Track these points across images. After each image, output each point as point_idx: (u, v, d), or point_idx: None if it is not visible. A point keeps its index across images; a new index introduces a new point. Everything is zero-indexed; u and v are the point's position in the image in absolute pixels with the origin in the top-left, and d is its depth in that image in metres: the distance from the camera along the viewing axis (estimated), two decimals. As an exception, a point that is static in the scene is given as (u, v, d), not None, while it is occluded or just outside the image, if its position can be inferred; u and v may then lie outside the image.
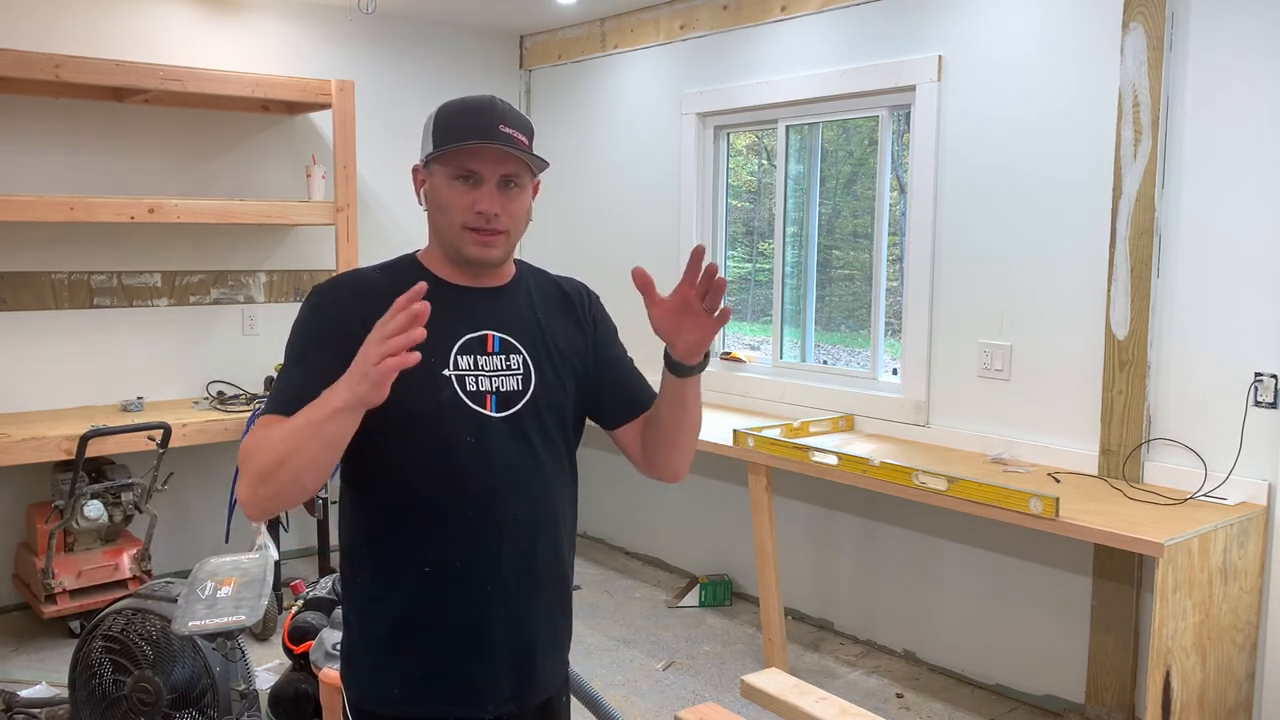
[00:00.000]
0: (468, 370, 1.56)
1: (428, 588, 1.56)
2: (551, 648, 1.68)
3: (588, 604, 4.48)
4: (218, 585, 2.87)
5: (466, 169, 1.53)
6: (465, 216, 1.54)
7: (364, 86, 4.79)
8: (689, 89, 4.60)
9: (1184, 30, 3.01)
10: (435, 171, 1.56)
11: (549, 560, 1.65)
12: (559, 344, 1.68)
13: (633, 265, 1.63)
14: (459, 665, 1.58)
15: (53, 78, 3.83)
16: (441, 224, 1.58)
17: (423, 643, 1.57)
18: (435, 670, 1.57)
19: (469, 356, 1.57)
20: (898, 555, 3.95)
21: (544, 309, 1.69)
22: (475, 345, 1.58)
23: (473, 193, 1.54)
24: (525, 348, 1.63)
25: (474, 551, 1.56)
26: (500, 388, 1.58)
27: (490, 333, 1.60)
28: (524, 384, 1.61)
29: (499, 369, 1.59)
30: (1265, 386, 2.91)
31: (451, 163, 1.54)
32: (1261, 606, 2.96)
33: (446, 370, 1.55)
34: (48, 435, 3.83)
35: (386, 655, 1.58)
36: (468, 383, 1.56)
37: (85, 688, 2.93)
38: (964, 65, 3.57)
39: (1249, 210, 2.91)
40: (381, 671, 1.59)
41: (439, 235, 1.60)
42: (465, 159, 1.53)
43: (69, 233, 4.28)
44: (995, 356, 3.54)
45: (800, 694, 2.31)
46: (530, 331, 1.65)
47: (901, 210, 3.92)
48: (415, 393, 1.50)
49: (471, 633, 1.57)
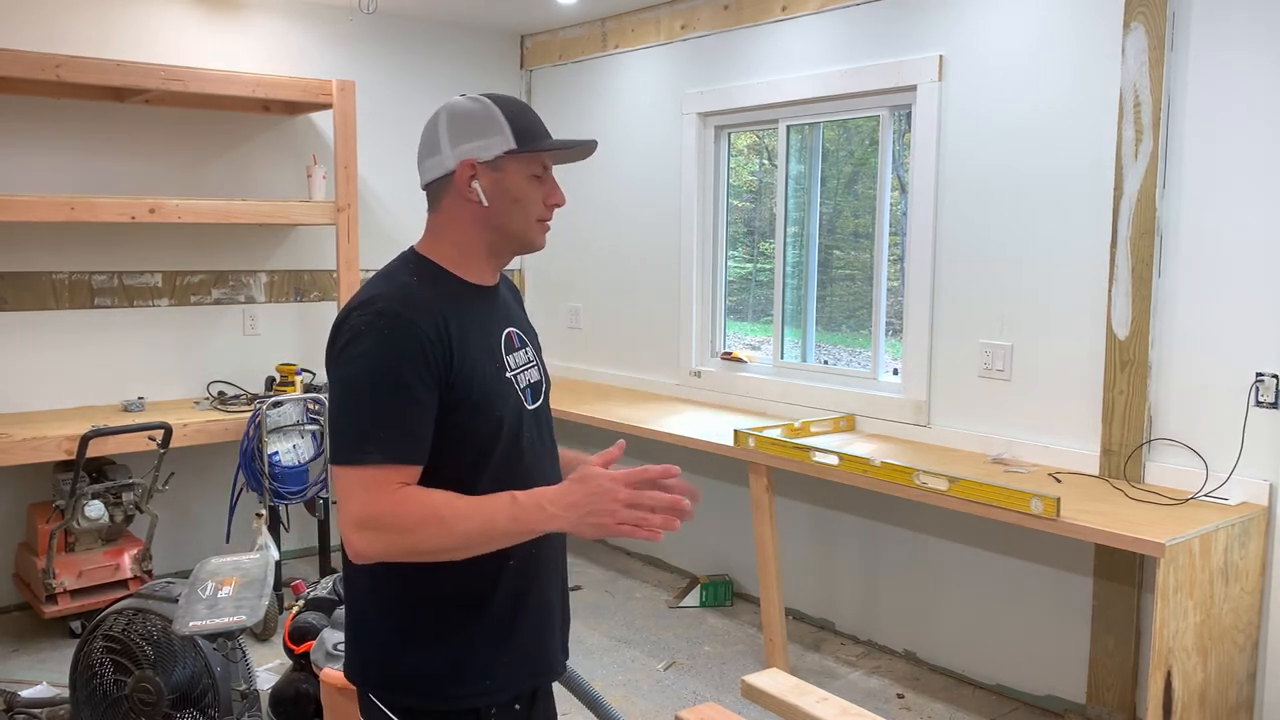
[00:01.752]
0: (515, 369, 1.64)
1: (517, 582, 1.61)
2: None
3: (589, 604, 4.48)
4: (219, 585, 2.87)
5: (544, 165, 1.63)
6: (540, 210, 1.63)
7: (365, 86, 4.79)
8: (690, 89, 4.60)
9: (1185, 30, 3.01)
10: (508, 168, 1.59)
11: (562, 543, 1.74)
12: (533, 334, 1.79)
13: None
14: (542, 641, 1.67)
15: (54, 78, 3.83)
16: (517, 218, 1.61)
17: (515, 633, 1.61)
18: (529, 654, 1.64)
19: (510, 356, 1.64)
20: (899, 555, 3.95)
21: (516, 303, 1.80)
22: (509, 343, 1.66)
23: (544, 187, 1.63)
24: (530, 340, 1.72)
25: (536, 543, 1.58)
26: (531, 380, 1.67)
27: (511, 329, 1.68)
28: (541, 374, 1.71)
29: (526, 363, 1.67)
30: (1266, 386, 2.91)
31: (535, 161, 1.61)
32: (1262, 607, 2.95)
33: (508, 372, 1.62)
34: (48, 435, 3.83)
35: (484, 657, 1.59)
36: (519, 380, 1.64)
37: (86, 688, 2.93)
38: (965, 65, 3.57)
39: (1250, 210, 2.91)
40: (469, 664, 1.58)
41: (507, 230, 1.61)
42: (545, 157, 1.62)
43: (70, 233, 4.28)
44: (996, 357, 3.54)
45: (801, 694, 2.31)
46: (524, 324, 1.75)
47: (902, 210, 3.92)
48: (496, 401, 1.57)
49: (547, 610, 1.67)
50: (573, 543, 5.97)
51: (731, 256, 4.70)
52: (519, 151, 1.57)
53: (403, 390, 1.46)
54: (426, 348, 1.47)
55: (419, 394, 1.47)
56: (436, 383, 1.48)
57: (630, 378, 4.99)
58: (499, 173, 1.58)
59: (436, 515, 1.42)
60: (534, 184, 1.61)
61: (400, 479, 1.46)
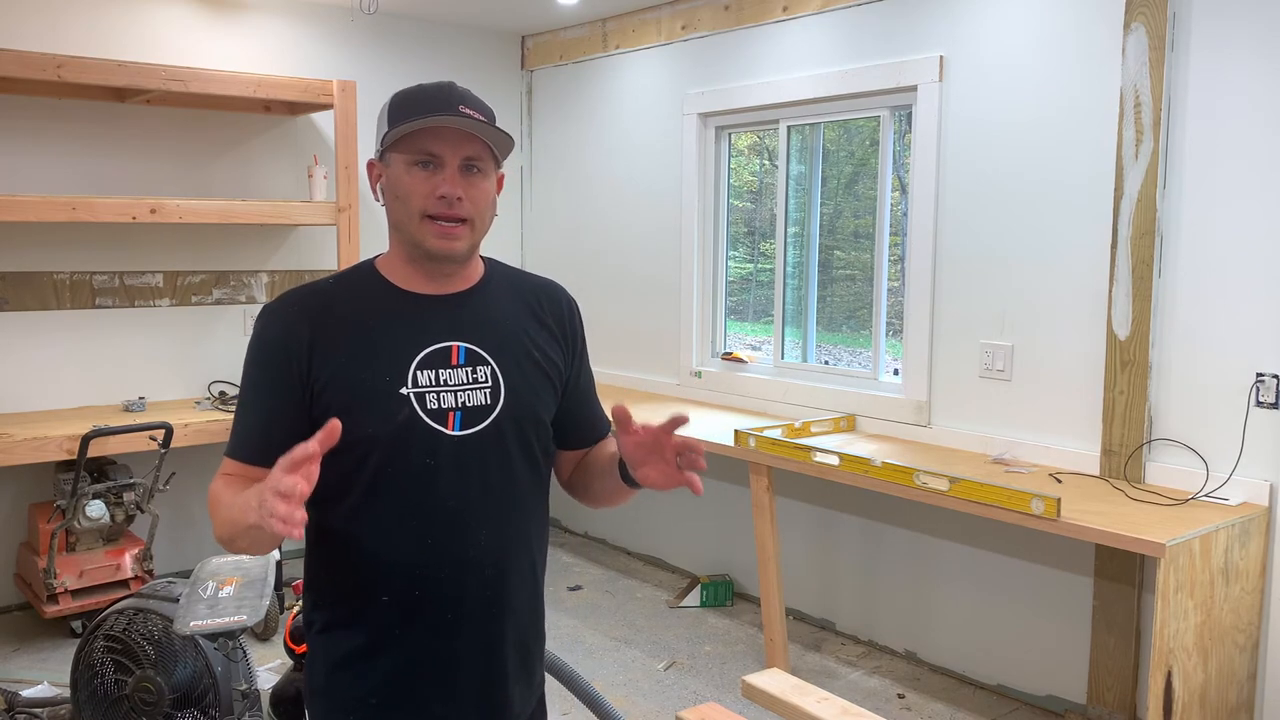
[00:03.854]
0: (428, 387, 1.46)
1: (388, 617, 1.48)
2: (522, 675, 1.58)
3: (589, 604, 4.48)
4: (219, 585, 2.87)
5: (426, 152, 1.43)
6: (425, 203, 1.44)
7: (366, 87, 4.78)
8: (690, 89, 4.60)
9: (1186, 30, 3.01)
10: (392, 161, 1.46)
11: (517, 583, 1.54)
12: (534, 352, 1.56)
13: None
14: (420, 699, 1.50)
15: (54, 78, 3.84)
16: (401, 216, 1.47)
17: (382, 674, 1.49)
18: (394, 702, 1.49)
19: (429, 371, 1.46)
20: (899, 555, 3.95)
21: (518, 313, 1.57)
22: (438, 358, 1.47)
23: (433, 178, 1.44)
24: (494, 357, 1.51)
25: (434, 580, 1.47)
26: (466, 403, 1.47)
27: (455, 344, 1.49)
28: (493, 398, 1.49)
29: (464, 383, 1.48)
30: (1267, 387, 2.91)
31: (409, 147, 1.43)
32: (1263, 607, 2.95)
33: (404, 389, 1.44)
34: (50, 435, 3.83)
35: (347, 684, 1.51)
36: (428, 400, 1.45)
37: (87, 687, 2.93)
38: (965, 65, 3.57)
39: (1250, 210, 2.91)
40: (340, 700, 1.52)
41: (398, 230, 1.49)
42: (424, 141, 1.43)
43: (71, 233, 4.29)
44: (997, 357, 3.54)
45: (801, 694, 2.31)
46: (500, 338, 1.53)
47: (903, 210, 3.92)
48: (373, 415, 1.43)
49: (432, 665, 1.49)
50: (573, 543, 5.94)
51: (732, 257, 4.70)
52: (388, 135, 1.45)
53: (246, 393, 1.50)
54: (286, 352, 1.45)
55: (256, 397, 1.48)
56: (293, 387, 1.44)
57: (630, 378, 4.99)
58: (388, 168, 1.48)
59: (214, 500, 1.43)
60: (417, 175, 1.43)
61: (239, 474, 1.46)
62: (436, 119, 1.42)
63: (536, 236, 5.57)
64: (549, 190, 5.46)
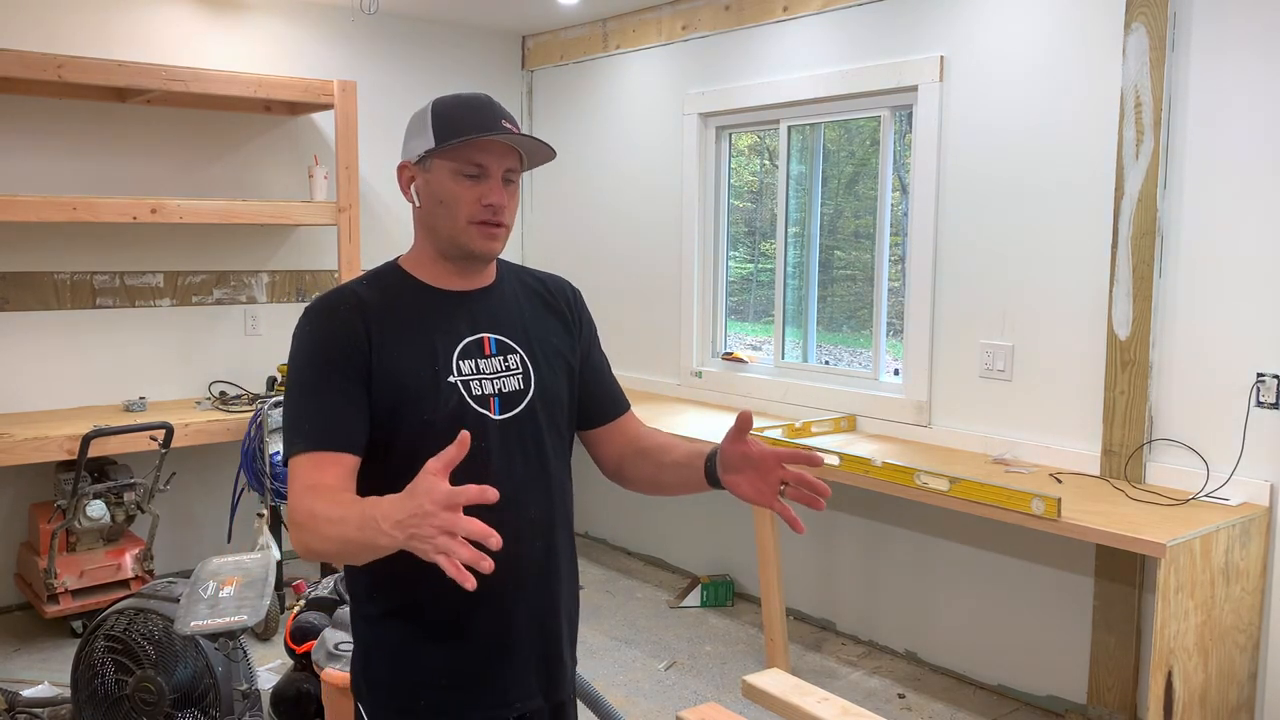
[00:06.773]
0: (471, 375, 1.57)
1: (452, 599, 1.49)
2: (570, 645, 1.73)
3: (590, 604, 4.48)
4: (220, 585, 2.87)
5: (476, 164, 1.54)
6: (473, 210, 1.55)
7: (366, 87, 4.79)
8: (691, 89, 4.60)
9: (1186, 30, 3.01)
10: (436, 168, 1.55)
11: (563, 555, 1.69)
12: (550, 341, 1.68)
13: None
14: (484, 672, 1.59)
15: (55, 78, 3.84)
16: (444, 220, 1.56)
17: (449, 655, 1.57)
18: (460, 683, 1.58)
19: (469, 361, 1.57)
20: (900, 555, 3.95)
21: (530, 307, 1.69)
22: (474, 349, 1.59)
23: (479, 186, 1.55)
24: (521, 346, 1.63)
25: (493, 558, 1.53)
26: (502, 389, 1.59)
27: (486, 335, 1.61)
28: (525, 383, 1.62)
29: (499, 371, 1.60)
30: (1267, 387, 2.91)
31: (459, 157, 1.54)
32: (1263, 607, 2.95)
33: (451, 377, 1.55)
34: (50, 435, 3.83)
35: (413, 669, 1.57)
36: (472, 387, 1.56)
37: (88, 687, 2.93)
38: (966, 65, 3.57)
39: (1251, 210, 2.91)
40: (406, 687, 1.58)
41: (438, 232, 1.58)
42: (474, 153, 1.53)
43: (71, 233, 4.29)
44: (997, 357, 3.54)
45: (802, 694, 2.31)
46: (522, 330, 1.65)
47: (903, 210, 3.92)
48: (427, 404, 1.52)
49: (495, 643, 1.59)
50: (574, 543, 5.87)
51: (732, 257, 4.70)
52: (437, 148, 1.54)
53: (316, 381, 1.51)
54: (348, 345, 1.50)
55: (329, 383, 1.50)
56: (360, 379, 1.50)
57: (631, 378, 4.99)
58: (428, 173, 1.57)
59: (316, 517, 1.39)
60: (463, 183, 1.54)
61: (329, 464, 1.47)
62: (495, 135, 1.53)
63: (537, 237, 5.57)
64: (550, 191, 5.45)
